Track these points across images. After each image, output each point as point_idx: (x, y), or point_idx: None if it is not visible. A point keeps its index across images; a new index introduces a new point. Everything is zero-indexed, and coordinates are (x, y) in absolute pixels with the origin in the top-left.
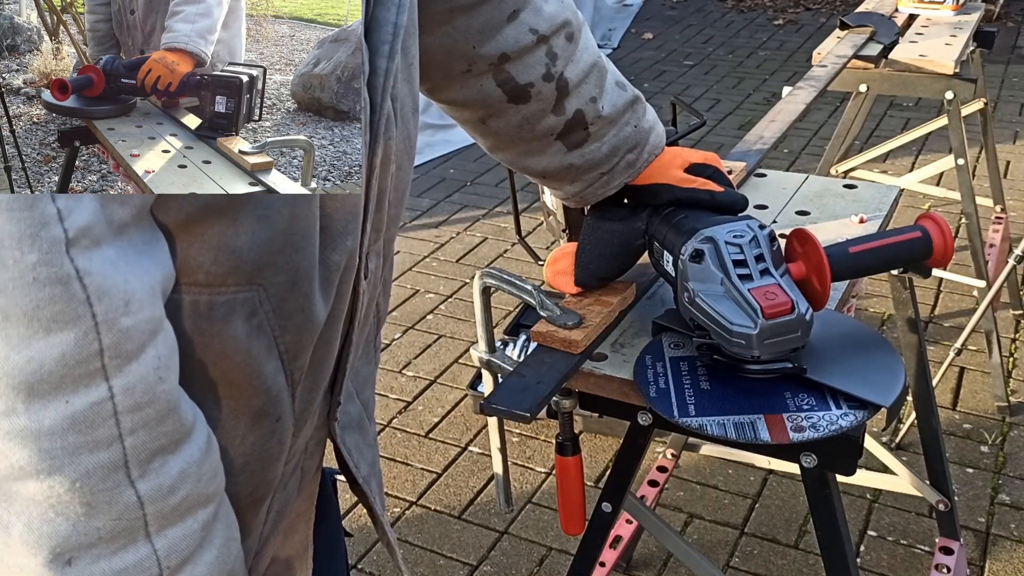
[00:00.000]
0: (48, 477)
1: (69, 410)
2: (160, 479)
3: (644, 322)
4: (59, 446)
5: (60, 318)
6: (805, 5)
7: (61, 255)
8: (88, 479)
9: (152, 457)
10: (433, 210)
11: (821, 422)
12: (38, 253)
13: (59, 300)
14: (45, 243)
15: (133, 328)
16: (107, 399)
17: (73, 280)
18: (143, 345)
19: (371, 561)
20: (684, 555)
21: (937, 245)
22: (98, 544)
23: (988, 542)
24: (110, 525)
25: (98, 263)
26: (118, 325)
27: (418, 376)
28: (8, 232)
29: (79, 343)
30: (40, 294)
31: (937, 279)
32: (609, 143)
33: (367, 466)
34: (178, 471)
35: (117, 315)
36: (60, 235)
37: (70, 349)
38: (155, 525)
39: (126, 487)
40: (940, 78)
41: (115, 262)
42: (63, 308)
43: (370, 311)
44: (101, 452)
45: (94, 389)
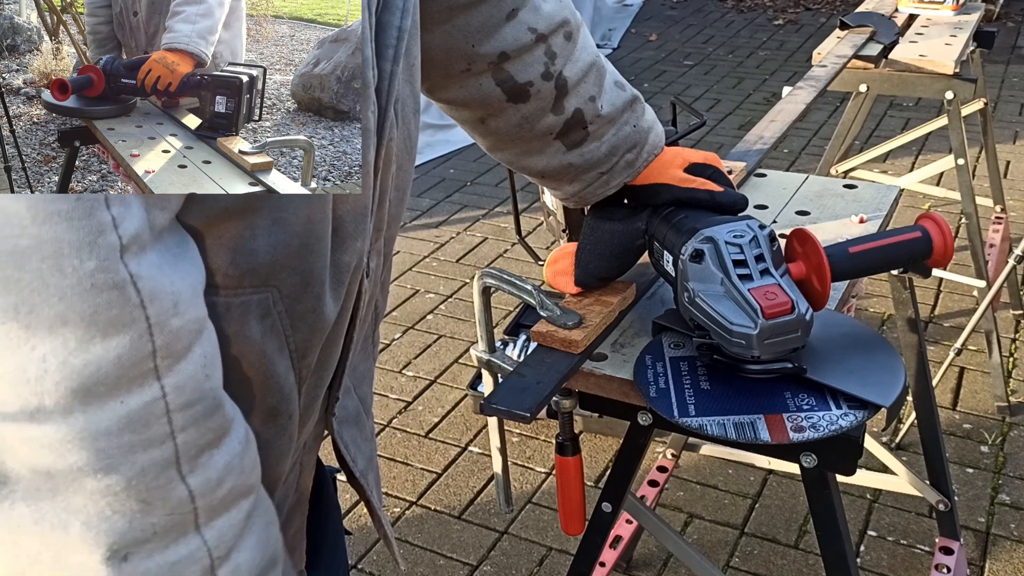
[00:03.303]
0: (105, 476)
1: (124, 410)
2: (208, 473)
3: (644, 322)
4: (115, 445)
5: (116, 322)
6: (805, 5)
7: (116, 261)
8: (143, 476)
9: (201, 452)
10: (433, 210)
11: (821, 422)
12: (96, 260)
13: (115, 305)
14: (103, 250)
15: (182, 328)
16: (160, 398)
17: (128, 285)
18: (191, 344)
19: (371, 561)
20: (684, 555)
21: (937, 245)
22: (153, 539)
23: (988, 542)
24: (164, 520)
25: (147, 267)
26: (169, 326)
27: (418, 376)
28: (68, 241)
29: (134, 345)
30: (98, 299)
31: (937, 279)
32: (608, 142)
33: (364, 460)
34: (223, 464)
35: (167, 316)
36: (116, 242)
37: (126, 351)
38: (204, 517)
39: (178, 482)
40: (940, 78)
41: (160, 265)
42: (119, 312)
43: (369, 308)
44: (155, 450)
45: (147, 389)
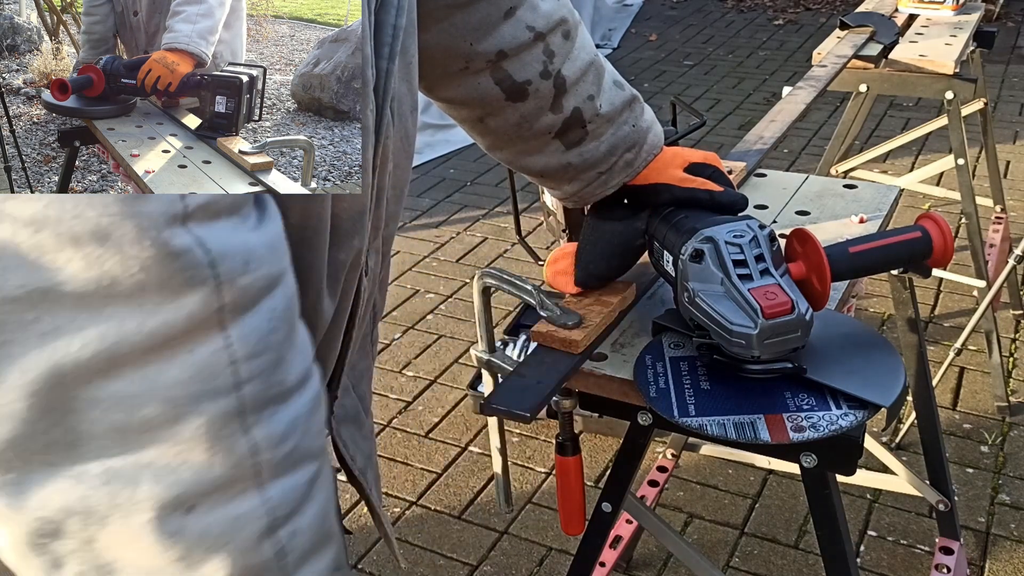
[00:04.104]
0: (175, 425)
1: (193, 359)
2: (272, 428)
3: (644, 322)
4: (184, 394)
5: (189, 283)
6: (805, 5)
7: (182, 228)
8: (210, 426)
9: (265, 405)
10: (433, 210)
11: (821, 422)
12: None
13: (187, 267)
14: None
15: (251, 285)
16: (224, 348)
17: (196, 247)
18: (258, 299)
19: (371, 561)
20: (684, 555)
21: (937, 245)
22: (216, 491)
23: (988, 542)
24: (228, 472)
25: (217, 231)
26: (238, 283)
27: (418, 376)
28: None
29: (204, 301)
30: (173, 265)
31: (937, 279)
32: (607, 142)
33: (363, 458)
34: (288, 420)
35: (235, 275)
36: (181, 210)
37: (197, 308)
38: (267, 474)
39: (242, 435)
40: (940, 78)
41: (235, 228)
42: (192, 274)
43: (368, 307)
44: (221, 399)
45: (215, 338)
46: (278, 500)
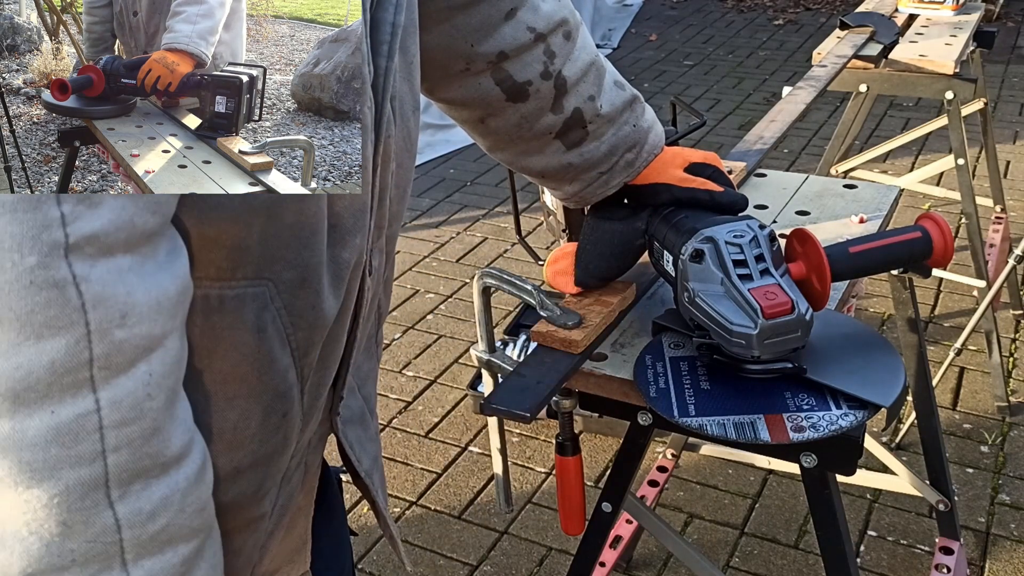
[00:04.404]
0: (26, 491)
1: (54, 421)
2: (140, 503)
3: (644, 322)
4: (40, 459)
5: (53, 324)
6: (805, 5)
7: (59, 259)
8: (67, 496)
9: (134, 479)
10: (433, 210)
11: (821, 422)
12: (37, 256)
13: (54, 305)
14: (45, 246)
15: (126, 341)
16: (93, 411)
17: (69, 285)
18: (135, 360)
19: (371, 561)
20: (684, 555)
21: (937, 245)
22: (71, 567)
23: (988, 542)
24: (84, 547)
25: (101, 271)
26: (111, 336)
27: (418, 376)
28: (10, 233)
29: (70, 351)
30: (36, 298)
31: (937, 279)
32: (608, 142)
33: (369, 460)
34: (160, 497)
35: (111, 326)
36: (60, 239)
37: (60, 356)
38: (132, 553)
39: (104, 508)
40: (940, 78)
41: (122, 271)
42: (57, 313)
43: (373, 307)
44: (83, 468)
45: (81, 400)
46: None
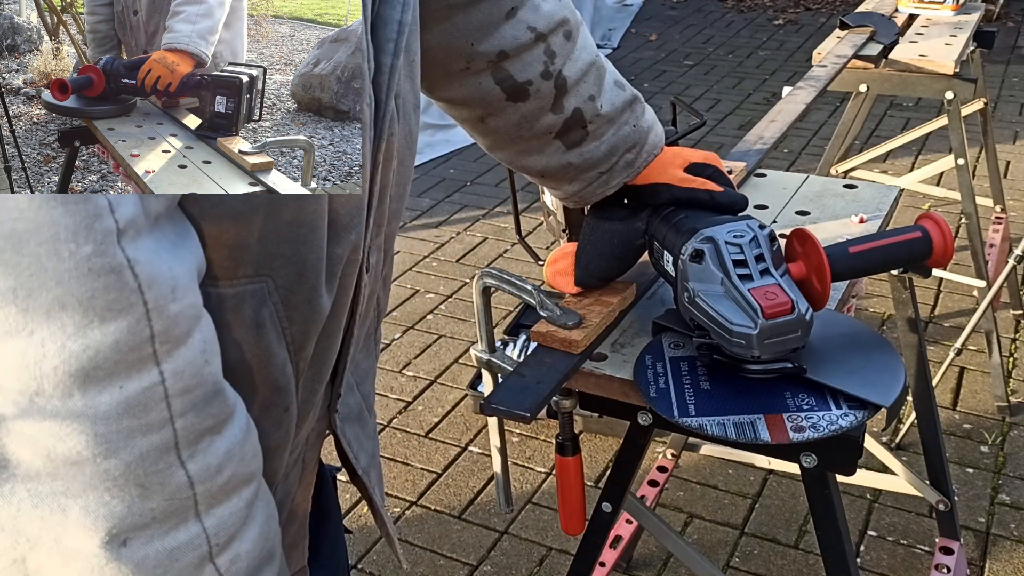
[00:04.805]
0: (104, 460)
1: (123, 395)
2: (208, 459)
3: (644, 322)
4: (114, 430)
5: (114, 306)
6: (805, 5)
7: (113, 245)
8: (142, 461)
9: (200, 437)
10: (433, 210)
11: (821, 422)
12: (93, 244)
13: (113, 289)
14: (99, 234)
15: (180, 313)
16: (159, 383)
17: (125, 269)
18: (190, 330)
19: (371, 561)
20: (684, 555)
21: (937, 245)
22: (152, 524)
23: (988, 542)
24: (163, 505)
25: (144, 252)
26: (167, 311)
27: (418, 376)
28: (64, 225)
29: (132, 330)
30: (95, 284)
31: (937, 279)
32: (608, 142)
33: (367, 458)
34: (224, 451)
35: (166, 302)
36: (112, 226)
37: (124, 336)
38: (204, 504)
39: (177, 468)
40: (940, 78)
41: (157, 251)
42: (117, 296)
43: (371, 305)
44: (154, 434)
45: (146, 374)
46: (216, 529)
